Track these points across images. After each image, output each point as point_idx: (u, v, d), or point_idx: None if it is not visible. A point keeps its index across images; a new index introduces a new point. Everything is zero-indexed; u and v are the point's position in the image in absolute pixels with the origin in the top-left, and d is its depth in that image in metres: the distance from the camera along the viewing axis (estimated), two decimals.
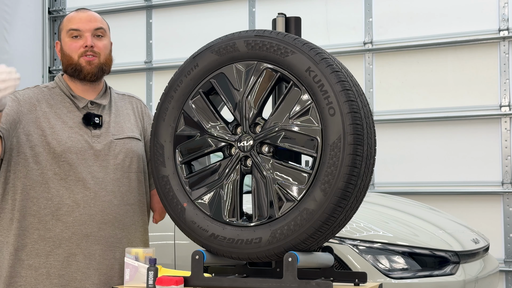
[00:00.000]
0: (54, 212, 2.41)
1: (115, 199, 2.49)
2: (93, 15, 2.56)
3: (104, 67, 2.54)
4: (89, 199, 2.44)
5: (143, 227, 2.60)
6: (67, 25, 2.53)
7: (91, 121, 2.50)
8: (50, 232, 2.41)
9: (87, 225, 2.43)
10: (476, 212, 5.82)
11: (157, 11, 7.27)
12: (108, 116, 2.56)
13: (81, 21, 2.52)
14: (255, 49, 2.17)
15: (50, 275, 2.40)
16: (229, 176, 2.21)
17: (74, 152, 2.44)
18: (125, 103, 2.67)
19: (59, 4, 7.78)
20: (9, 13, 7.56)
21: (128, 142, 2.56)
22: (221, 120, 2.25)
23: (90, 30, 2.51)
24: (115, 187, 2.49)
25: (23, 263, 2.41)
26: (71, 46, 2.51)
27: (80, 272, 2.42)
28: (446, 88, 6.06)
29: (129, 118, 2.64)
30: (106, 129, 2.53)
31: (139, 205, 2.58)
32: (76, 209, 2.42)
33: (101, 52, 2.53)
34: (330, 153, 2.02)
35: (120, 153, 2.52)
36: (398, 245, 3.49)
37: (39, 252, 2.41)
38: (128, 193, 2.53)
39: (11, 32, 7.56)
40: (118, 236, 2.49)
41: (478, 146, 5.91)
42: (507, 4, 5.88)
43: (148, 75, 7.21)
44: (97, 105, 2.55)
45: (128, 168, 2.53)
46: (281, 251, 2.07)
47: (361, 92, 2.15)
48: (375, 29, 6.32)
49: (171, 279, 2.10)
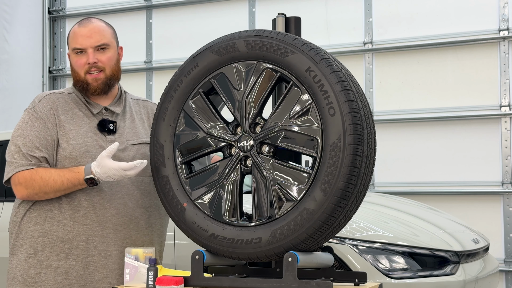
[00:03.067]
0: (72, 214, 2.47)
1: (129, 201, 2.52)
2: (94, 29, 2.54)
3: (111, 81, 2.56)
4: (105, 201, 2.48)
5: (160, 229, 2.64)
6: (72, 43, 2.55)
7: (106, 127, 2.53)
8: (68, 234, 2.46)
9: (103, 226, 2.47)
10: (476, 212, 5.82)
11: (157, 11, 7.27)
12: (122, 122, 2.59)
13: (82, 38, 2.52)
14: (255, 49, 2.17)
15: (69, 275, 2.46)
16: (229, 176, 2.21)
17: (90, 156, 2.47)
18: (139, 108, 2.70)
19: (59, 4, 7.77)
20: (9, 13, 7.57)
21: (142, 148, 2.58)
22: (221, 120, 2.25)
23: (92, 46, 2.52)
24: (129, 190, 2.53)
25: (43, 264, 2.46)
26: (76, 62, 2.54)
27: (97, 272, 2.47)
28: (446, 88, 6.05)
29: (143, 123, 2.67)
30: (120, 134, 2.56)
31: (155, 208, 2.60)
32: (93, 211, 2.47)
33: (106, 65, 2.54)
34: (330, 153, 2.02)
35: (134, 158, 2.54)
36: (398, 245, 3.49)
37: (58, 253, 2.46)
38: (143, 196, 2.56)
39: (11, 32, 7.57)
40: (133, 237, 2.52)
41: (478, 146, 5.90)
42: (507, 4, 5.88)
43: (148, 75, 7.21)
44: (111, 112, 2.58)
45: (142, 172, 2.53)
46: (281, 251, 2.07)
47: (361, 92, 2.15)
48: (375, 29, 6.31)
49: (171, 279, 2.10)
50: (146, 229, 2.57)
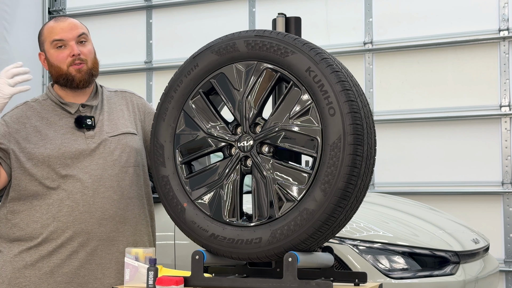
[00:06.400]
0: (54, 215, 2.48)
1: (114, 194, 2.52)
2: (73, 23, 2.58)
3: (93, 72, 2.59)
4: (88, 197, 2.48)
5: (145, 219, 2.64)
6: (50, 36, 2.57)
7: (83, 124, 2.54)
8: (53, 234, 2.47)
9: (88, 222, 2.48)
10: (476, 212, 5.82)
11: (157, 11, 7.27)
12: (101, 116, 2.60)
13: (63, 30, 2.55)
14: (255, 49, 2.17)
15: (54, 274, 2.47)
16: (229, 176, 2.21)
17: (69, 157, 2.49)
18: (118, 99, 2.71)
19: (59, 4, 7.77)
20: (9, 13, 7.56)
21: (123, 138, 2.59)
22: (221, 120, 2.25)
23: (74, 38, 2.54)
24: (114, 183, 2.53)
25: (27, 264, 2.47)
26: (58, 57, 2.55)
27: (83, 268, 2.48)
28: (446, 88, 6.05)
29: (123, 113, 2.67)
30: (99, 128, 2.57)
31: (138, 198, 2.61)
32: (76, 209, 2.47)
33: (87, 57, 2.57)
34: (330, 153, 2.02)
35: (115, 149, 2.55)
36: (398, 245, 3.49)
37: (42, 253, 2.47)
38: (128, 187, 2.57)
39: (11, 32, 7.56)
40: (120, 230, 2.53)
41: (478, 146, 5.90)
42: (507, 4, 5.88)
43: (148, 75, 7.21)
44: (89, 107, 2.60)
45: (125, 163, 2.56)
46: (281, 251, 2.07)
47: (361, 92, 2.15)
48: (375, 29, 6.31)
49: (171, 279, 2.10)
50: (132, 220, 2.57)
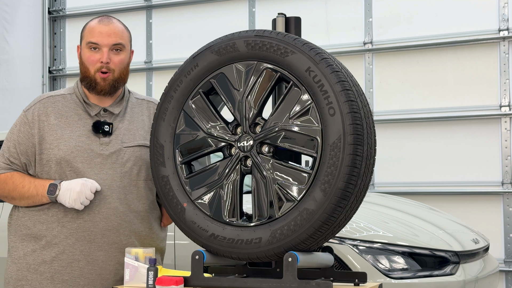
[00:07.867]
0: (60, 219, 2.47)
1: (121, 206, 2.50)
2: (114, 29, 2.54)
3: (117, 83, 2.55)
4: (93, 206, 2.46)
5: (155, 233, 2.60)
6: (88, 36, 2.53)
7: (100, 129, 2.51)
8: (55, 239, 2.46)
9: (91, 231, 2.46)
10: (476, 212, 5.82)
11: (157, 11, 7.27)
12: (121, 123, 2.57)
13: (101, 35, 2.51)
14: (255, 49, 2.17)
15: (54, 280, 2.46)
16: (229, 176, 2.21)
17: (80, 161, 2.47)
18: (142, 108, 2.66)
19: (59, 4, 7.77)
20: (9, 13, 7.57)
21: (138, 150, 2.55)
22: (221, 120, 2.25)
23: (108, 45, 2.51)
24: (121, 195, 2.50)
25: (30, 267, 2.48)
26: (89, 58, 2.52)
27: (83, 277, 2.46)
28: (446, 88, 6.05)
29: (143, 124, 2.62)
30: (116, 136, 2.54)
31: (149, 212, 2.58)
32: (81, 216, 2.46)
33: (116, 68, 2.53)
34: (330, 153, 2.02)
35: (128, 161, 2.53)
36: (398, 245, 3.49)
37: (45, 257, 2.47)
38: (136, 201, 2.53)
39: (11, 32, 7.57)
40: (123, 242, 2.49)
41: (478, 146, 5.90)
42: (507, 4, 5.88)
43: (148, 75, 7.21)
44: (110, 113, 2.57)
45: (136, 176, 2.53)
46: (281, 251, 2.07)
47: (361, 92, 2.15)
48: (375, 29, 6.31)
49: (171, 279, 2.10)
50: (139, 234, 2.54)
